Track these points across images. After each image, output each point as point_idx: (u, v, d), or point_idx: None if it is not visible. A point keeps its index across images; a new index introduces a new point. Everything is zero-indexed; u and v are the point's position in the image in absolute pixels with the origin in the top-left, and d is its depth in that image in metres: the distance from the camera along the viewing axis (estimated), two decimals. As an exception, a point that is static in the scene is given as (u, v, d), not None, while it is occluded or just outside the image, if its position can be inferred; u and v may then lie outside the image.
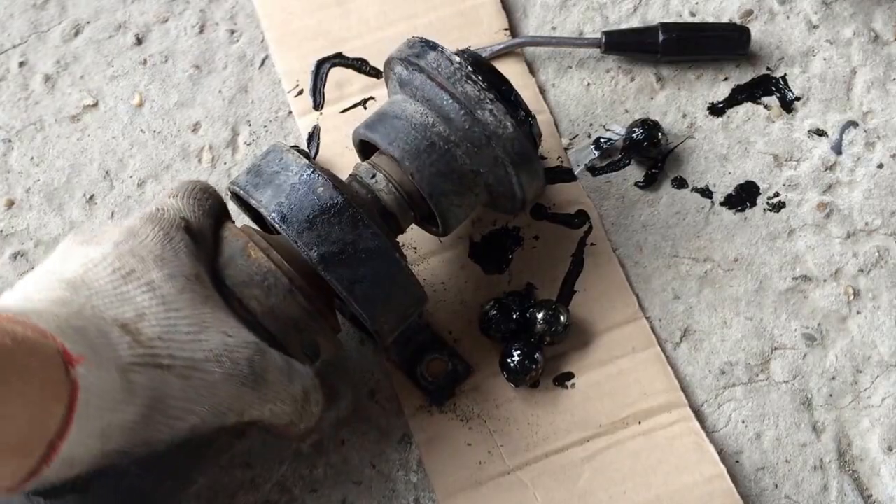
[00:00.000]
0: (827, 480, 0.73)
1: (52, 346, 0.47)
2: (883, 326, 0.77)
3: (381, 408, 0.75)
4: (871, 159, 0.82)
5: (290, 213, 0.61)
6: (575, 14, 0.87)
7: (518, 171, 0.67)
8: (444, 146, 0.66)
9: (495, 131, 0.65)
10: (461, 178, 0.67)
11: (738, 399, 0.75)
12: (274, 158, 0.64)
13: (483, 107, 0.65)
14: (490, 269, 0.78)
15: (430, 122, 0.66)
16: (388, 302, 0.64)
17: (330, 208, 0.61)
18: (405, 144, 0.66)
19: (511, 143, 0.66)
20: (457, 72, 0.65)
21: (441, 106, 0.66)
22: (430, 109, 0.66)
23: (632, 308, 0.77)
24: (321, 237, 0.60)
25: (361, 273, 0.61)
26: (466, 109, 0.65)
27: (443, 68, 0.65)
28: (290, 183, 0.62)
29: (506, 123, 0.65)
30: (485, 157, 0.66)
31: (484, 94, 0.65)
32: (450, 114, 0.65)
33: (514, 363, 0.73)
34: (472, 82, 0.65)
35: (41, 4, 0.87)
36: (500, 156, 0.66)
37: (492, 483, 0.72)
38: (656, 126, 0.80)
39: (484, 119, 0.65)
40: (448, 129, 0.66)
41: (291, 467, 0.73)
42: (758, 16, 0.86)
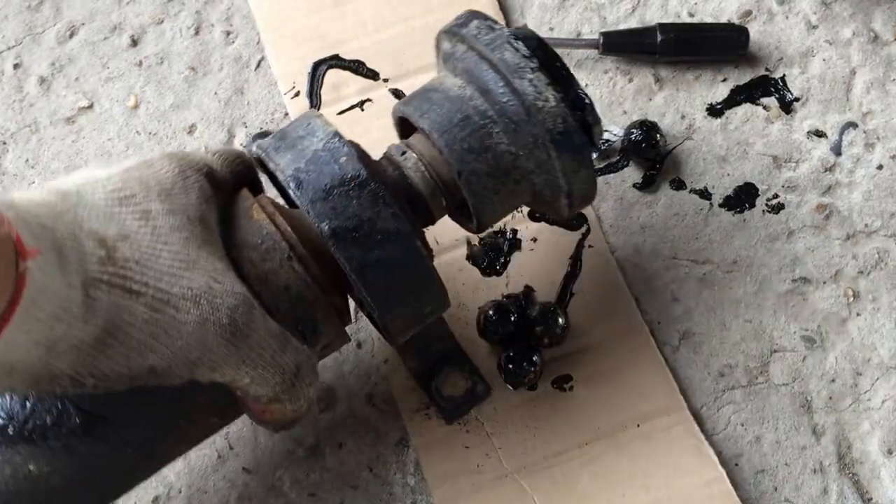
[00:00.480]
0: (827, 483, 0.73)
1: (6, 233, 0.43)
2: (883, 328, 0.77)
3: (379, 411, 0.75)
4: (871, 160, 0.82)
5: (306, 180, 0.56)
6: (573, 15, 0.87)
7: (560, 155, 0.59)
8: (479, 121, 0.60)
9: (534, 103, 0.58)
10: (497, 161, 0.60)
11: (737, 402, 0.75)
12: (301, 123, 0.60)
13: (522, 75, 0.58)
14: (488, 272, 0.78)
15: (468, 95, 0.60)
16: (401, 294, 0.59)
17: (350, 181, 0.56)
18: (437, 117, 0.60)
19: (553, 120, 0.58)
20: (497, 38, 0.59)
21: (479, 76, 0.60)
22: (470, 82, 0.60)
23: (630, 310, 0.77)
24: (336, 210, 0.56)
25: (376, 256, 0.56)
26: (504, 79, 0.58)
27: (482, 34, 0.60)
28: (313, 149, 0.58)
29: (547, 96, 0.58)
30: (523, 136, 0.59)
31: (525, 63, 0.58)
32: (488, 84, 0.59)
33: (512, 366, 0.73)
34: (513, 49, 0.58)
35: (36, 6, 0.87)
36: (540, 134, 0.59)
37: (490, 486, 0.72)
38: (654, 127, 0.80)
39: (522, 89, 0.58)
40: (486, 103, 0.60)
41: (289, 471, 0.73)
42: (756, 16, 0.86)
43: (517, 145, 0.60)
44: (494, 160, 0.60)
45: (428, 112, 0.60)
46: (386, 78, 0.83)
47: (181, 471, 0.73)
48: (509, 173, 0.61)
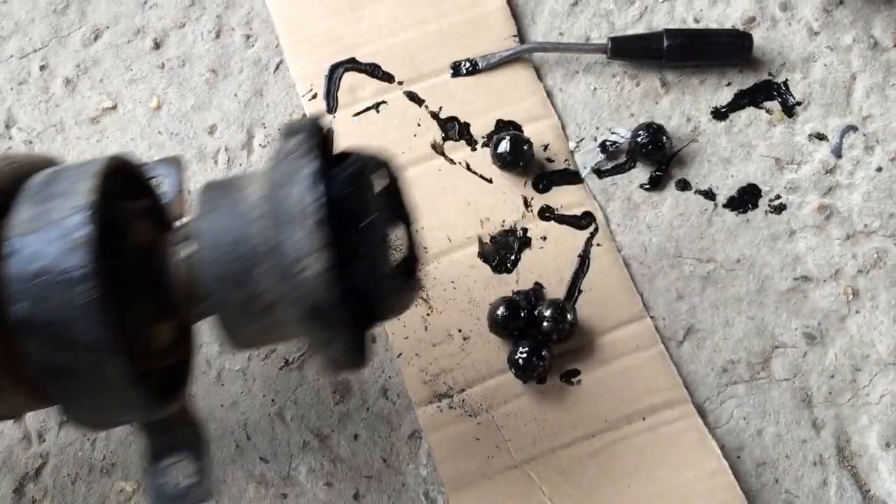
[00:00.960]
0: (826, 476, 0.75)
1: None
2: (881, 325, 0.78)
3: (392, 403, 0.76)
4: (871, 163, 0.83)
5: (21, 252, 0.48)
6: (582, 20, 0.88)
7: (309, 327, 0.49)
8: (247, 252, 0.50)
9: (289, 267, 0.47)
10: (250, 301, 0.51)
11: (739, 396, 0.76)
12: (71, 174, 0.52)
13: (293, 228, 0.47)
14: (499, 269, 0.79)
15: (254, 216, 0.51)
16: (88, 404, 0.51)
17: (63, 273, 0.47)
18: (216, 224, 0.51)
19: (307, 289, 0.47)
20: (298, 169, 0.48)
21: (270, 203, 0.49)
22: (264, 201, 0.50)
23: (636, 307, 0.78)
24: (35, 297, 0.47)
25: (62, 360, 0.48)
26: (276, 225, 0.48)
27: (291, 156, 0.49)
28: (55, 217, 0.49)
29: (306, 264, 0.47)
30: (282, 290, 0.49)
31: (307, 212, 0.47)
32: (266, 220, 0.50)
33: (521, 360, 0.74)
34: (305, 188, 0.47)
35: (62, 10, 0.89)
36: (294, 298, 0.48)
37: (499, 477, 0.73)
38: (661, 130, 0.81)
39: (285, 246, 0.47)
40: (262, 235, 0.50)
41: (304, 461, 0.75)
42: (760, 22, 0.87)
43: (275, 295, 0.50)
44: (248, 300, 0.51)
45: (212, 213, 0.52)
46: (401, 81, 0.85)
47: (201, 460, 0.75)
48: (262, 317, 0.51)
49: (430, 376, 0.76)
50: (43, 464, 0.76)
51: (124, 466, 0.75)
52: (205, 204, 0.52)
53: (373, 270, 0.50)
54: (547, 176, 0.82)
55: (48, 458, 0.76)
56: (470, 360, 0.77)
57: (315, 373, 0.77)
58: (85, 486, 0.75)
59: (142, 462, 0.64)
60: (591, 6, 0.88)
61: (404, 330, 0.77)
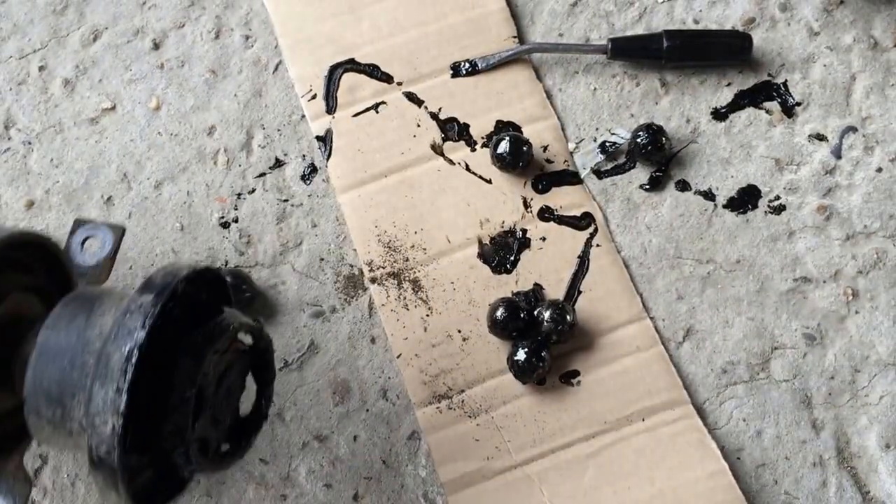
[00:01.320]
0: (826, 477, 0.75)
1: None
2: (881, 326, 0.78)
3: (391, 404, 0.76)
4: (870, 163, 0.83)
5: None
6: (581, 21, 0.88)
7: (95, 475, 0.52)
8: (74, 379, 0.54)
9: (84, 419, 0.51)
10: (60, 424, 0.55)
11: (739, 397, 0.76)
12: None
13: (104, 383, 0.50)
14: (498, 270, 0.79)
15: (92, 349, 0.54)
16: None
17: None
18: (55, 340, 0.55)
19: (96, 441, 0.51)
20: (125, 325, 0.51)
21: (105, 350, 0.52)
22: (106, 339, 0.52)
23: (636, 308, 0.78)
24: None
25: None
26: (93, 376, 0.51)
27: (132, 309, 0.52)
28: None
29: (98, 421, 0.50)
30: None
31: (117, 371, 0.50)
32: (91, 365, 0.53)
33: (521, 361, 0.74)
34: (127, 347, 0.50)
35: (60, 10, 0.89)
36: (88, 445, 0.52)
37: (499, 478, 0.73)
38: (661, 130, 0.81)
39: (92, 401, 0.51)
40: (87, 370, 0.53)
41: (304, 463, 0.75)
42: (760, 23, 0.87)
43: (80, 427, 0.54)
44: (60, 419, 0.54)
45: (61, 330, 0.55)
46: (400, 81, 0.85)
47: (200, 461, 0.75)
48: (65, 437, 0.55)
49: (430, 377, 0.76)
50: (42, 465, 0.75)
51: (124, 467, 0.75)
52: (59, 317, 0.56)
53: (182, 435, 0.53)
54: (546, 177, 0.82)
55: (47, 459, 0.76)
56: (469, 360, 0.77)
57: (315, 374, 0.77)
58: (84, 486, 0.75)
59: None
60: (591, 7, 0.88)
61: (404, 331, 0.78)
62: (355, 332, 0.79)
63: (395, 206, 0.81)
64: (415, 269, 0.79)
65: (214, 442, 0.57)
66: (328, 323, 0.79)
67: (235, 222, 0.82)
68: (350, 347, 0.78)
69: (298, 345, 0.78)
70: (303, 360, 0.78)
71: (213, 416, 0.56)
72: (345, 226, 0.81)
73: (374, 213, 0.81)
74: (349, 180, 0.82)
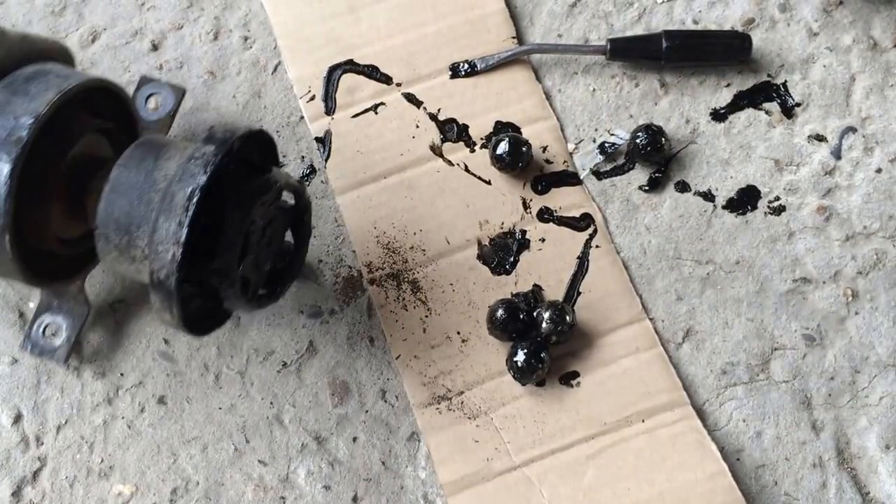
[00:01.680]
0: (826, 478, 0.75)
1: None
2: (881, 327, 0.78)
3: (391, 406, 0.76)
4: (870, 164, 0.83)
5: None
6: (580, 22, 0.88)
7: (153, 292, 0.60)
8: (140, 211, 0.62)
9: (153, 246, 0.59)
10: (126, 249, 0.63)
11: (739, 398, 0.76)
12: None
13: (169, 216, 0.58)
14: (497, 271, 0.79)
15: (159, 189, 0.62)
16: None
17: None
18: (127, 176, 0.63)
19: (159, 265, 0.59)
20: (193, 171, 0.59)
21: (169, 190, 0.60)
22: (171, 180, 0.60)
23: (635, 309, 0.78)
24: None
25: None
26: (158, 210, 0.59)
27: (197, 156, 0.60)
28: (14, 112, 0.62)
29: (161, 248, 0.58)
30: (148, 250, 0.61)
31: (181, 207, 0.58)
32: (158, 204, 0.60)
33: (520, 362, 0.74)
34: (188, 188, 0.58)
35: (59, 11, 0.88)
36: (149, 268, 0.60)
37: (498, 479, 0.73)
38: (660, 131, 0.81)
39: (157, 230, 0.59)
40: (153, 208, 0.61)
41: (303, 464, 0.75)
42: (759, 23, 0.87)
43: (143, 254, 0.62)
44: (126, 246, 0.63)
45: (131, 168, 0.63)
46: (399, 82, 0.85)
47: (199, 463, 0.75)
48: (129, 262, 0.64)
49: (429, 378, 0.76)
50: (41, 467, 0.75)
51: (122, 469, 0.75)
52: (131, 157, 0.64)
53: (228, 273, 0.61)
54: (546, 177, 0.82)
55: (46, 461, 0.75)
56: (469, 362, 0.77)
57: (313, 375, 0.77)
58: (83, 488, 0.75)
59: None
60: (590, 7, 0.88)
61: (403, 332, 0.77)
62: (354, 333, 0.79)
63: (395, 207, 0.81)
64: (414, 271, 0.79)
65: (254, 284, 0.65)
66: (327, 324, 0.79)
67: (234, 223, 0.82)
68: (349, 349, 0.78)
69: (297, 346, 0.78)
70: (301, 362, 0.78)
71: (256, 260, 0.64)
72: (343, 227, 0.81)
73: (373, 214, 0.81)
74: (348, 181, 0.82)
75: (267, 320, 0.79)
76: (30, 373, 0.77)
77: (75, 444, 0.76)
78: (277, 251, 0.68)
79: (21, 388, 0.77)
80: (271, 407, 0.77)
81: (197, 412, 0.77)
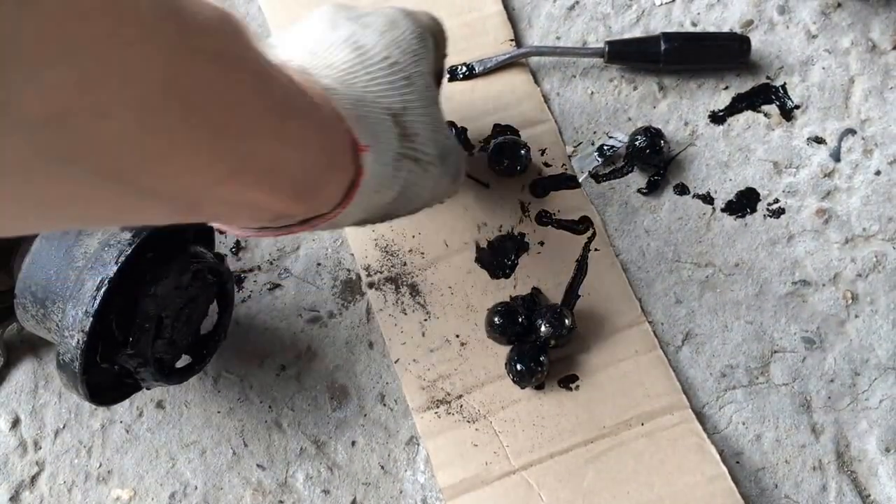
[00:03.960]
0: (826, 481, 0.75)
1: (345, 130, 0.52)
2: (881, 330, 0.78)
3: (390, 410, 0.76)
4: (869, 166, 0.83)
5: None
6: (579, 24, 0.88)
7: (56, 366, 0.63)
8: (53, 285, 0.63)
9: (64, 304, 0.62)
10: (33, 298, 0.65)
11: (738, 401, 0.76)
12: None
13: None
14: (496, 274, 0.79)
15: (84, 253, 0.63)
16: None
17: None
18: (46, 251, 0.64)
19: (63, 344, 0.61)
20: (121, 246, 0.61)
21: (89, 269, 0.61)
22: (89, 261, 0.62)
23: (635, 312, 0.78)
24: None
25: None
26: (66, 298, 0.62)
27: (124, 234, 0.62)
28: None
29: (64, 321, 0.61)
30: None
31: (108, 266, 0.60)
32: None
33: (519, 366, 0.74)
34: (116, 256, 0.60)
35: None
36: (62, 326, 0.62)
37: (497, 483, 0.73)
38: (658, 134, 0.81)
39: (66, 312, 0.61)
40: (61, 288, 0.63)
41: (301, 468, 0.75)
42: (758, 25, 0.87)
43: (54, 330, 0.64)
44: (42, 317, 0.64)
45: (49, 238, 0.64)
46: (397, 85, 0.84)
47: (197, 468, 0.75)
48: (44, 332, 0.66)
49: (428, 382, 0.76)
50: (39, 472, 0.75)
51: (120, 474, 0.75)
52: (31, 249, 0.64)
53: (142, 355, 0.63)
54: (544, 181, 0.82)
55: (44, 465, 0.75)
56: (468, 365, 0.76)
57: (312, 379, 0.77)
58: (81, 493, 0.75)
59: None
60: (588, 10, 0.88)
61: (402, 336, 0.77)
62: (353, 337, 0.78)
63: (393, 210, 0.81)
64: (413, 274, 0.79)
65: (170, 361, 0.67)
66: (325, 328, 0.79)
67: (232, 227, 0.81)
68: (348, 353, 0.78)
69: (296, 350, 0.78)
70: (300, 366, 0.78)
71: (171, 340, 0.65)
72: (342, 230, 0.81)
73: (371, 217, 0.81)
74: (346, 185, 0.82)
75: (265, 324, 0.79)
76: (27, 377, 0.77)
77: (73, 448, 0.76)
78: (200, 321, 0.70)
79: (19, 393, 0.77)
80: (270, 411, 0.76)
81: (195, 416, 0.76)
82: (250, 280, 0.80)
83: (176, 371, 0.68)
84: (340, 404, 0.77)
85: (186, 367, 0.69)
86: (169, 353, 0.65)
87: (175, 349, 0.66)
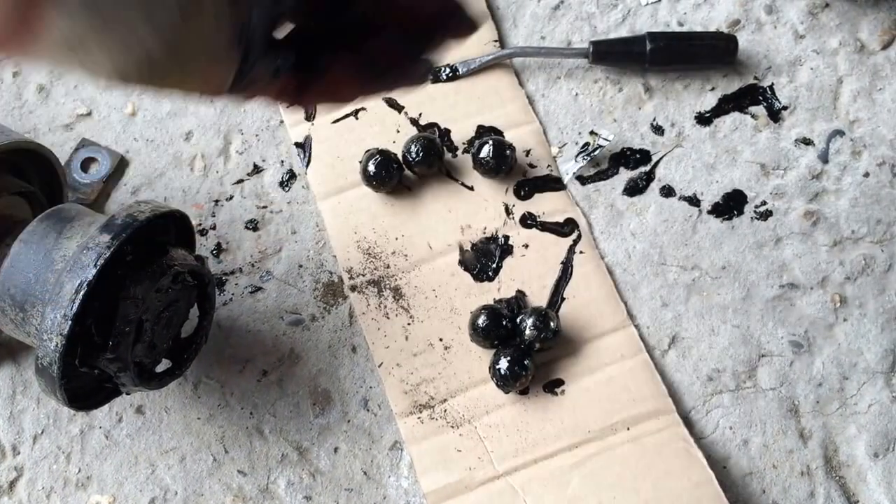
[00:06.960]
0: (814, 486, 0.74)
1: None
2: (869, 334, 0.77)
3: (373, 414, 0.75)
4: (858, 168, 0.82)
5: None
6: (563, 24, 0.87)
7: (35, 370, 0.62)
8: (31, 286, 0.63)
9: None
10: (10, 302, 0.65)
11: (725, 406, 0.76)
12: None
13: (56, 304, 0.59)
14: (480, 277, 0.78)
15: (63, 256, 0.63)
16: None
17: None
18: (26, 254, 0.64)
19: (43, 344, 0.60)
20: (102, 247, 0.60)
21: (68, 271, 0.60)
22: (67, 262, 0.61)
23: (620, 315, 0.77)
24: None
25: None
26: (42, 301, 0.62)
27: (103, 236, 0.60)
28: None
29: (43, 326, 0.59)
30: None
31: (88, 268, 0.59)
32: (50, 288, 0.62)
33: (504, 370, 0.73)
34: (94, 259, 0.59)
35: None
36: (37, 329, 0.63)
37: (481, 488, 0.72)
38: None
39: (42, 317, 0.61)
40: (44, 286, 0.63)
41: (283, 475, 0.74)
42: (745, 25, 0.87)
43: (33, 334, 0.64)
44: (21, 321, 0.64)
45: (32, 244, 0.64)
46: (380, 86, 0.84)
47: (177, 474, 0.74)
48: (27, 338, 0.66)
49: (411, 386, 0.75)
50: (17, 477, 0.74)
51: (100, 480, 0.74)
52: (33, 233, 0.64)
53: (122, 359, 0.62)
54: (529, 182, 0.81)
55: (23, 471, 0.74)
56: (451, 369, 0.76)
57: (294, 384, 0.76)
58: (60, 499, 0.74)
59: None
60: (573, 10, 0.87)
61: (385, 339, 0.76)
62: (336, 340, 0.78)
63: (376, 212, 0.80)
64: (396, 277, 0.78)
65: (150, 365, 0.66)
66: (308, 332, 0.78)
67: (213, 229, 0.81)
68: (330, 357, 0.77)
69: (278, 354, 0.77)
70: (282, 371, 0.77)
71: (152, 343, 0.64)
72: (325, 232, 0.80)
73: (353, 219, 0.80)
74: (329, 187, 0.81)
75: (247, 327, 0.78)
76: (5, 383, 0.76)
77: (52, 454, 0.75)
78: (180, 325, 0.69)
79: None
80: (251, 417, 0.75)
81: (175, 422, 0.75)
82: (231, 283, 0.79)
83: (156, 375, 0.67)
84: (323, 410, 0.76)
85: (167, 372, 0.68)
86: (149, 357, 0.65)
87: (155, 353, 0.66)
